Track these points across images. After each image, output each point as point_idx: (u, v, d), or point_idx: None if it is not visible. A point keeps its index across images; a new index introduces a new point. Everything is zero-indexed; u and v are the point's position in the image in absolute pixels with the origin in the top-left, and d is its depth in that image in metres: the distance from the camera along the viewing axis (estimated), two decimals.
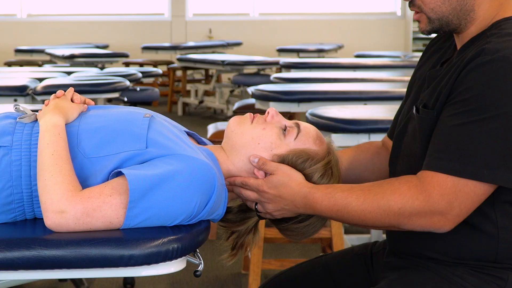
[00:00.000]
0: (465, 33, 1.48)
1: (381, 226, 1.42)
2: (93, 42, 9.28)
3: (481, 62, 1.35)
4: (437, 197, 1.35)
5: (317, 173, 1.51)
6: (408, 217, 1.37)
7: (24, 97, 3.63)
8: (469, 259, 1.45)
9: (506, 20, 1.44)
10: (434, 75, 1.50)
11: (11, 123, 1.45)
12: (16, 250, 1.27)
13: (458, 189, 1.34)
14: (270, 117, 1.55)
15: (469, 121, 1.34)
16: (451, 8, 1.45)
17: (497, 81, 1.33)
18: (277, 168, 1.49)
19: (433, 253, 1.49)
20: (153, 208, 1.34)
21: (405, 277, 1.50)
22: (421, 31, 1.51)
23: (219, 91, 7.49)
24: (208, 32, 10.45)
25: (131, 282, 3.07)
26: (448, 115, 1.38)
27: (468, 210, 1.37)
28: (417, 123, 1.49)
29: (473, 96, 1.35)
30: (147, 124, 1.45)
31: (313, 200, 1.45)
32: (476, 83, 1.35)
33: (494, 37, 1.39)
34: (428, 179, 1.36)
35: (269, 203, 1.51)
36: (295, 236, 1.59)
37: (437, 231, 1.38)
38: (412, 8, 1.50)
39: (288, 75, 4.70)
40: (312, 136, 1.55)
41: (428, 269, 1.49)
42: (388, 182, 1.41)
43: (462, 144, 1.34)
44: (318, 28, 10.38)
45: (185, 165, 1.38)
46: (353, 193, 1.42)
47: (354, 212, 1.41)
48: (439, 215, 1.35)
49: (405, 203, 1.36)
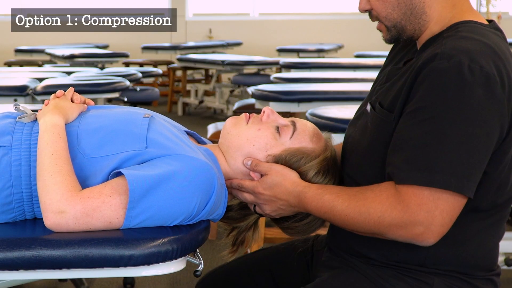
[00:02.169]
0: (422, 36, 1.48)
1: (365, 232, 1.39)
2: (93, 42, 9.28)
3: (437, 67, 1.33)
4: (414, 207, 1.31)
5: (311, 170, 1.51)
6: (388, 226, 1.34)
7: (24, 97, 3.63)
8: (400, 261, 1.45)
9: (463, 23, 1.43)
10: (394, 73, 1.51)
11: (11, 123, 1.45)
12: (16, 250, 1.27)
13: (436, 197, 1.30)
14: (265, 116, 1.55)
15: (431, 130, 1.31)
16: (402, 13, 1.46)
17: (454, 88, 1.31)
18: (270, 168, 1.49)
19: (366, 251, 1.49)
20: (153, 208, 1.34)
21: (334, 278, 1.51)
22: (384, 40, 1.53)
23: (219, 91, 7.48)
24: (208, 32, 10.45)
25: (131, 282, 3.07)
26: (409, 124, 1.35)
27: (452, 218, 1.32)
28: (370, 120, 1.48)
29: (431, 104, 1.32)
30: (147, 124, 1.45)
31: (304, 200, 1.46)
32: (432, 91, 1.33)
33: (450, 39, 1.38)
34: (403, 190, 1.33)
35: (265, 205, 1.51)
36: (297, 234, 1.60)
37: (421, 244, 1.34)
38: (372, 19, 1.52)
39: (288, 75, 4.70)
40: (309, 134, 1.55)
41: (358, 271, 1.49)
42: (371, 189, 1.38)
43: (428, 154, 1.31)
44: (318, 28, 10.38)
45: (185, 165, 1.38)
46: (340, 197, 1.41)
47: (338, 216, 1.40)
48: (421, 226, 1.31)
49: (384, 212, 1.34)
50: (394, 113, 1.41)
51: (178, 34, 10.35)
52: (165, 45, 8.88)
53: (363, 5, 1.50)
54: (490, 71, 1.31)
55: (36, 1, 10.33)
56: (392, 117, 1.41)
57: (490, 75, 1.31)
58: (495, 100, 1.32)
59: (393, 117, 1.41)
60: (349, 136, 1.58)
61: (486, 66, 1.32)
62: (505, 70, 1.34)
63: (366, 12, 1.51)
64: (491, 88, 1.31)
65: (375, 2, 1.47)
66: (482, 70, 1.31)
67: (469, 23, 1.43)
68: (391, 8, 1.46)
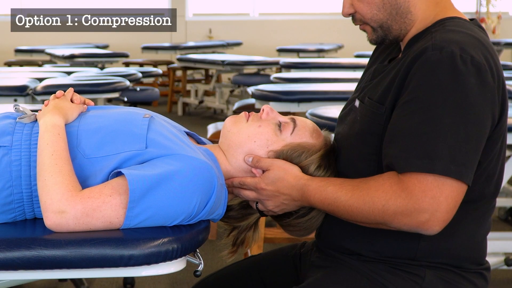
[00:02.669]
0: (407, 35, 1.49)
1: (370, 223, 1.39)
2: (93, 42, 9.28)
3: (430, 58, 1.35)
4: (419, 193, 1.31)
5: (313, 164, 1.51)
6: (393, 215, 1.33)
7: (24, 97, 3.62)
8: (391, 256, 1.46)
9: (449, 19, 1.46)
10: (380, 70, 1.52)
11: (11, 123, 1.45)
12: (16, 250, 1.27)
13: (440, 183, 1.31)
14: (265, 114, 1.55)
15: (427, 118, 1.32)
16: (387, 14, 1.47)
17: (448, 77, 1.33)
18: (272, 163, 1.50)
19: (356, 248, 1.50)
20: (153, 208, 1.34)
21: (327, 276, 1.51)
22: (369, 42, 1.54)
23: (219, 91, 7.49)
24: (208, 32, 10.45)
25: (131, 282, 3.07)
26: (404, 114, 1.36)
27: (456, 204, 1.32)
28: (359, 114, 1.49)
29: (426, 94, 1.34)
30: (147, 124, 1.45)
31: (307, 193, 1.46)
32: (426, 81, 1.34)
33: (439, 33, 1.40)
34: (406, 177, 1.33)
35: (268, 200, 1.51)
36: (298, 232, 1.59)
37: (426, 232, 1.34)
38: (356, 22, 1.53)
39: (288, 75, 4.70)
40: (309, 129, 1.55)
41: (349, 267, 1.50)
42: (374, 179, 1.39)
43: (426, 141, 1.32)
44: (318, 28, 10.38)
45: (185, 165, 1.38)
46: (343, 188, 1.41)
47: (342, 207, 1.40)
48: (426, 213, 1.31)
49: (388, 200, 1.34)
50: (385, 105, 1.42)
51: (178, 34, 10.35)
52: (165, 45, 8.88)
53: (347, 9, 1.51)
54: (480, 61, 1.35)
55: (36, 1, 10.33)
56: (383, 109, 1.42)
57: (481, 65, 1.34)
58: (487, 89, 1.35)
59: (384, 109, 1.42)
60: (338, 133, 1.60)
61: (476, 57, 1.35)
62: (492, 60, 1.38)
63: (350, 16, 1.52)
64: (483, 77, 1.34)
65: (359, 4, 1.48)
66: (473, 60, 1.34)
67: (455, 19, 1.46)
68: (376, 9, 1.47)
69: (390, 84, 1.43)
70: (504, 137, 1.45)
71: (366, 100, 1.48)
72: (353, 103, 1.56)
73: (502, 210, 4.02)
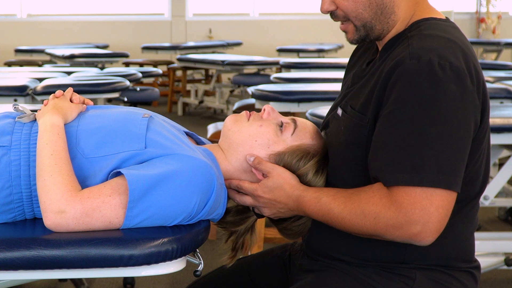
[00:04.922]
0: (386, 37, 1.48)
1: (364, 235, 1.38)
2: (93, 42, 9.28)
3: (408, 69, 1.34)
4: (408, 206, 1.30)
5: (310, 171, 1.51)
6: (384, 227, 1.33)
7: (24, 97, 3.62)
8: (379, 260, 1.46)
9: (424, 20, 1.44)
10: (359, 75, 1.51)
11: (10, 123, 1.45)
12: (16, 250, 1.27)
13: (429, 194, 1.30)
14: (266, 114, 1.55)
15: (411, 130, 1.31)
16: (373, 13, 1.45)
17: (427, 87, 1.32)
18: (273, 169, 1.49)
19: (343, 255, 1.49)
20: (153, 208, 1.34)
21: (317, 279, 1.50)
22: (349, 41, 1.51)
23: (219, 91, 7.48)
24: (208, 32, 10.45)
25: (131, 282, 3.07)
26: (387, 126, 1.35)
27: (447, 213, 1.32)
28: (343, 123, 1.48)
29: (407, 104, 1.33)
30: (146, 124, 1.45)
31: (303, 204, 1.45)
32: (406, 91, 1.33)
33: (416, 39, 1.38)
34: (394, 190, 1.32)
35: (265, 208, 1.51)
36: (294, 235, 1.60)
37: (419, 244, 1.33)
38: (336, 19, 1.50)
39: (288, 75, 4.70)
40: (309, 130, 1.55)
41: (339, 270, 1.49)
42: (364, 190, 1.38)
43: (412, 154, 1.31)
44: (318, 28, 10.37)
45: (184, 164, 1.38)
46: (336, 200, 1.40)
47: (336, 218, 1.40)
48: (417, 225, 1.30)
49: (379, 213, 1.33)
50: (368, 116, 1.41)
51: (178, 34, 10.35)
52: (165, 45, 8.87)
53: (327, 5, 1.48)
54: (459, 66, 1.34)
55: (36, 1, 10.33)
56: (366, 120, 1.41)
57: (460, 69, 1.34)
58: (468, 93, 1.34)
59: (367, 120, 1.41)
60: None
61: (455, 62, 1.34)
62: (472, 63, 1.37)
63: (329, 13, 1.49)
64: (462, 82, 1.34)
65: (343, 2, 1.46)
66: (451, 66, 1.33)
67: (430, 20, 1.45)
68: (362, 8, 1.45)
69: (370, 93, 1.42)
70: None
71: (349, 109, 1.47)
72: (336, 111, 1.54)
73: (502, 210, 4.01)
